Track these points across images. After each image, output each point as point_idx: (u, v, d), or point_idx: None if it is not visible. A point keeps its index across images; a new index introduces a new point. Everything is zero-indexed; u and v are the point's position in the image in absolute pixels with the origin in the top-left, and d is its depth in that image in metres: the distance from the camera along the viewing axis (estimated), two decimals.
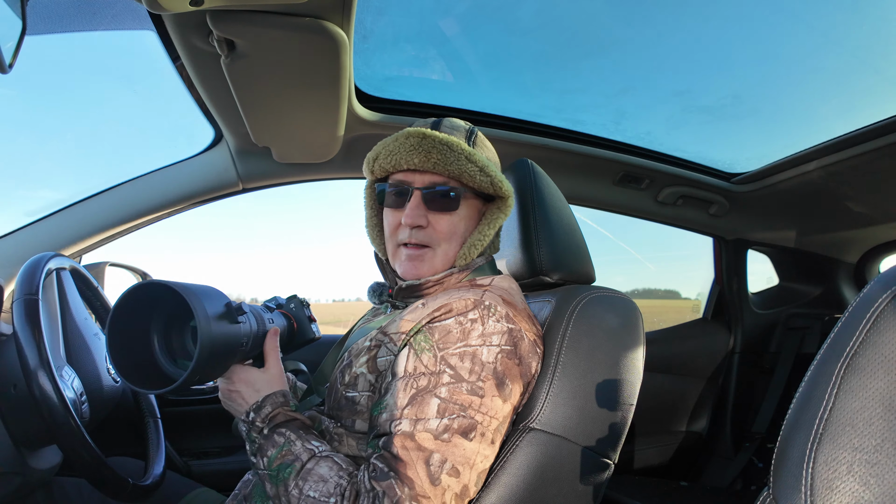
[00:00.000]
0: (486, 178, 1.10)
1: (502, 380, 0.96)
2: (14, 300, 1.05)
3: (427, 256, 1.14)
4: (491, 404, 0.94)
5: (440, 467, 0.88)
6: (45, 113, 4.11)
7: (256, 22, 1.14)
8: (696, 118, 2.16)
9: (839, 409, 0.58)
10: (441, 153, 1.07)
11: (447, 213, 1.13)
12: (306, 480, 0.91)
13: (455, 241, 1.14)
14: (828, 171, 2.20)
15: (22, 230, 1.71)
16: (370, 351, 1.06)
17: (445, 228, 1.13)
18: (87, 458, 1.03)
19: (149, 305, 0.94)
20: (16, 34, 0.77)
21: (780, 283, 3.05)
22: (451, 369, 0.94)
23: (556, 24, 1.71)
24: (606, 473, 1.08)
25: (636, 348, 1.12)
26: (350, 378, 1.06)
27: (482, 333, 0.97)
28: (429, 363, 0.95)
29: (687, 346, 2.74)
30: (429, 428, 0.90)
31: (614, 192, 2.39)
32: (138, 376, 0.91)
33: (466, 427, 0.91)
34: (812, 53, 1.84)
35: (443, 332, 0.97)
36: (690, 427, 2.75)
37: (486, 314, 0.99)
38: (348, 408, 1.04)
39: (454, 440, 0.90)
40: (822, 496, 0.56)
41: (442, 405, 0.91)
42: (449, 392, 0.92)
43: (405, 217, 1.11)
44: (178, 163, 1.87)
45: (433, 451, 0.89)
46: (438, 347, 0.96)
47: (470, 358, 0.95)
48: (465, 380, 0.93)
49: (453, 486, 0.89)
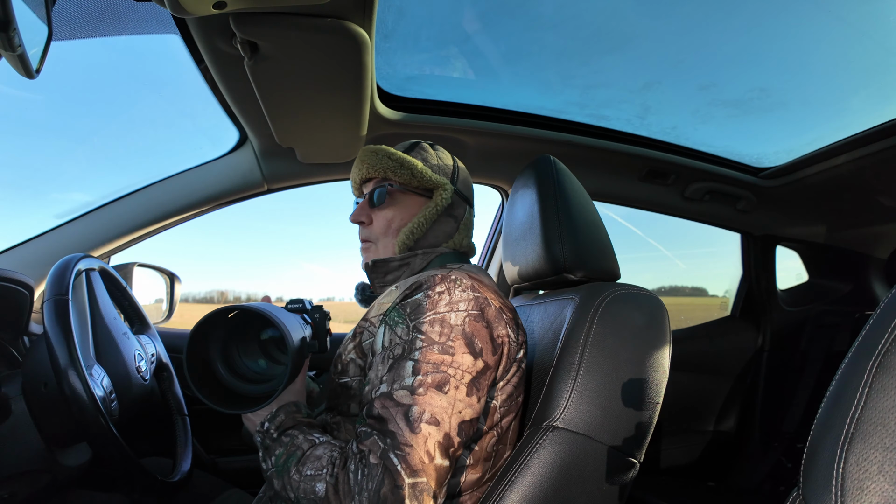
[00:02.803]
0: (406, 171, 1.25)
1: (471, 339, 1.01)
2: (45, 300, 1.06)
3: (371, 249, 1.31)
4: (461, 360, 0.99)
5: (419, 417, 0.93)
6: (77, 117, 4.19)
7: (279, 24, 1.15)
8: (723, 112, 2.12)
9: (870, 408, 0.57)
10: (369, 159, 1.28)
11: (381, 209, 1.29)
12: (304, 464, 0.96)
13: (391, 233, 1.29)
14: (858, 165, 2.15)
15: (52, 232, 1.75)
16: (354, 338, 1.15)
17: (381, 222, 1.29)
18: (116, 456, 1.04)
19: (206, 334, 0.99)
20: (42, 40, 0.78)
21: (809, 280, 2.98)
22: (423, 335, 1.00)
23: (579, 19, 1.69)
24: (632, 473, 1.07)
25: (662, 346, 1.10)
26: (342, 366, 1.14)
27: (449, 301, 1.03)
28: (402, 334, 1.02)
29: (715, 344, 2.70)
30: (404, 385, 0.96)
31: (640, 188, 2.36)
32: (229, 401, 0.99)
33: (440, 381, 0.96)
34: (841, 45, 1.79)
35: (413, 306, 1.04)
36: (718, 427, 2.71)
37: (453, 286, 1.06)
38: (343, 394, 1.11)
39: (429, 393, 0.95)
40: (852, 496, 0.55)
41: (416, 366, 0.97)
42: (422, 354, 0.98)
43: (350, 217, 1.32)
44: (203, 164, 1.90)
45: (410, 404, 0.94)
46: (410, 319, 1.03)
47: (439, 323, 1.01)
48: (436, 342, 0.99)
49: (434, 434, 0.93)
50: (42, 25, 0.77)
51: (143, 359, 1.37)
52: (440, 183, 1.29)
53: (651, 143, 2.22)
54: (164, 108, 2.62)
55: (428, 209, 1.27)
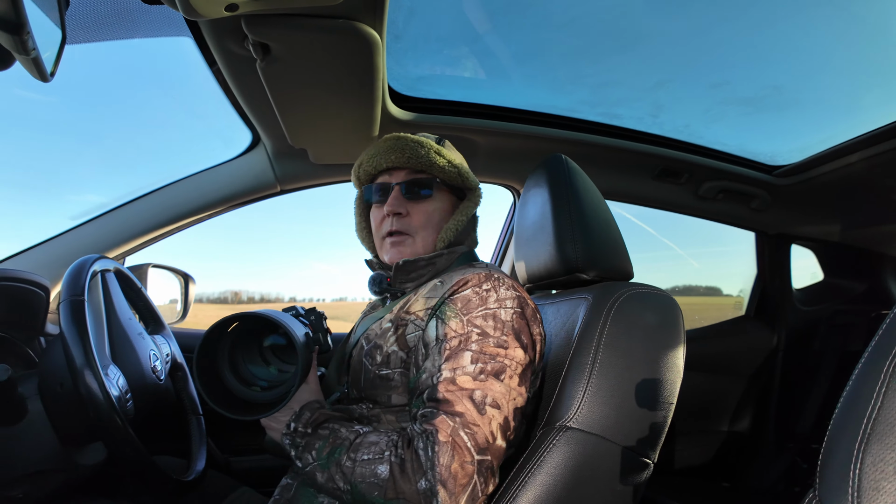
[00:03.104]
0: (454, 169, 1.28)
1: (519, 334, 1.06)
2: (61, 301, 1.07)
3: (408, 243, 1.29)
4: (514, 353, 1.04)
5: (483, 400, 0.97)
6: (91, 120, 4.25)
7: (290, 25, 1.16)
8: (736, 110, 2.10)
9: (887, 408, 0.56)
10: (413, 150, 1.25)
11: (422, 202, 1.29)
12: (358, 450, 0.99)
13: (431, 228, 1.29)
14: (872, 163, 2.12)
15: (67, 234, 1.77)
16: (396, 330, 1.17)
17: (422, 216, 1.28)
18: (131, 455, 1.05)
19: (212, 349, 1.00)
20: (56, 43, 0.79)
21: (824, 279, 2.95)
22: (478, 328, 1.04)
23: (589, 18, 1.69)
24: (646, 473, 1.06)
25: (676, 346, 1.09)
26: (382, 357, 1.15)
27: (497, 299, 1.09)
28: (457, 327, 1.06)
29: (729, 344, 2.68)
30: (467, 372, 1.00)
31: (653, 186, 2.35)
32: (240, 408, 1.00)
33: (498, 369, 1.01)
34: (855, 42, 1.78)
35: (464, 301, 1.08)
36: (732, 427, 2.69)
37: (498, 284, 1.11)
38: (382, 385, 1.13)
39: (489, 380, 0.99)
40: (869, 498, 0.54)
41: (474, 356, 1.02)
42: (479, 346, 1.03)
43: (387, 206, 1.27)
44: (217, 166, 1.91)
45: (474, 388, 0.98)
46: (463, 313, 1.07)
47: (492, 318, 1.06)
48: (491, 335, 1.04)
49: (497, 417, 0.98)
50: (56, 29, 0.78)
51: (158, 359, 1.38)
52: (476, 184, 1.35)
53: (664, 141, 2.21)
54: (176, 111, 2.65)
55: (468, 209, 1.32)
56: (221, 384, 1.01)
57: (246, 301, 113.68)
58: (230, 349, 1.03)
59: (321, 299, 34.80)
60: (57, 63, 0.80)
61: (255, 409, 1.01)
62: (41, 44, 0.69)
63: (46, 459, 1.09)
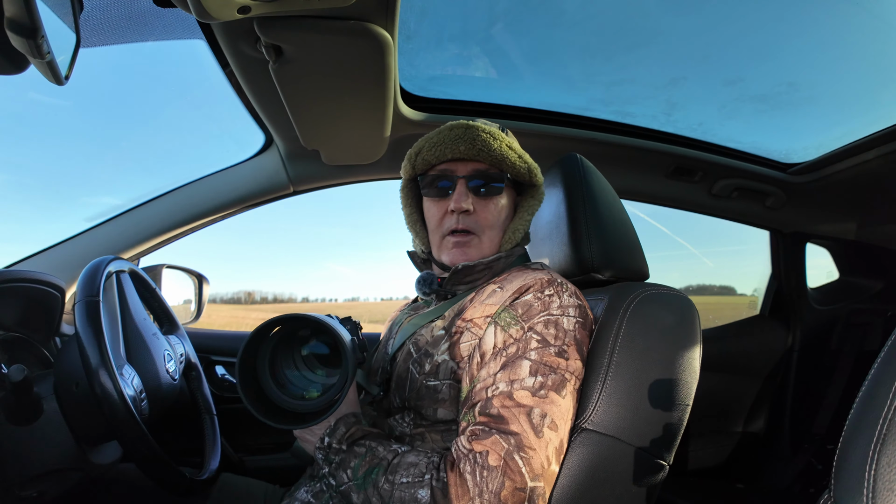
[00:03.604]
0: (525, 165, 1.18)
1: (580, 345, 1.02)
2: (76, 302, 1.08)
3: (474, 243, 1.19)
4: (574, 365, 1.00)
5: (541, 420, 0.91)
6: (106, 123, 4.29)
7: (303, 27, 1.16)
8: (750, 107, 2.09)
9: None
10: (485, 141, 1.13)
11: (492, 199, 1.19)
12: (396, 472, 0.93)
13: (498, 228, 1.20)
14: (889, 160, 2.10)
15: (82, 235, 1.79)
16: (451, 337, 1.09)
17: (491, 214, 1.19)
18: (146, 454, 1.06)
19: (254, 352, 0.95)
20: (70, 47, 0.79)
21: (840, 278, 2.91)
22: (538, 335, 0.99)
23: (602, 16, 1.68)
24: (661, 475, 1.05)
25: (693, 347, 1.08)
26: (431, 367, 1.08)
27: (560, 305, 1.03)
28: (516, 334, 1.00)
29: (743, 343, 2.66)
30: (525, 386, 0.94)
31: (667, 185, 2.34)
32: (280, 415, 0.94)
33: (559, 383, 0.95)
34: (871, 37, 1.76)
35: (525, 307, 1.03)
36: (747, 428, 2.67)
37: (561, 289, 1.06)
38: (429, 396, 1.06)
39: (550, 396, 0.94)
40: (884, 499, 0.54)
41: (533, 366, 0.95)
42: (538, 354, 0.97)
43: (454, 203, 1.16)
44: (230, 167, 1.92)
45: (532, 406, 0.92)
46: (524, 319, 1.01)
47: (554, 325, 1.00)
48: (552, 344, 0.98)
49: (553, 440, 0.92)
50: (70, 33, 0.78)
51: (173, 359, 1.39)
52: (541, 182, 1.25)
53: (677, 139, 2.19)
54: (190, 113, 2.66)
55: (532, 207, 1.23)
56: (260, 390, 0.95)
57: (259, 301, 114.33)
58: (272, 353, 0.97)
59: (334, 299, 34.70)
60: (71, 66, 0.80)
61: (293, 418, 0.95)
62: (56, 48, 0.69)
63: (62, 458, 1.10)
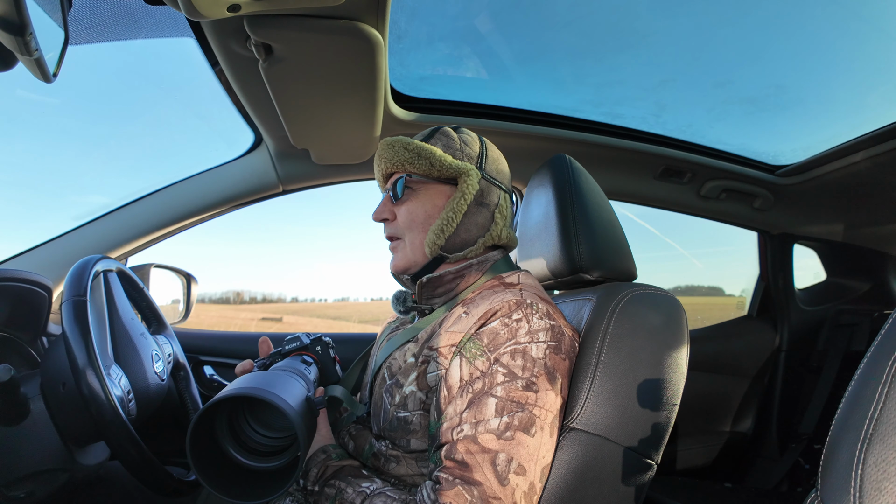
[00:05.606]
0: (424, 161, 1.14)
1: (553, 374, 0.97)
2: (63, 301, 1.07)
3: (399, 247, 1.20)
4: (546, 398, 0.95)
5: (507, 466, 0.88)
6: (94, 121, 4.26)
7: (293, 26, 1.16)
8: (739, 109, 2.10)
9: (890, 408, 0.56)
10: (386, 152, 1.17)
11: (405, 203, 1.18)
12: None
13: (417, 227, 1.17)
14: (876, 162, 2.12)
15: (70, 234, 1.77)
16: (418, 367, 1.06)
17: (403, 216, 1.18)
18: (133, 455, 1.05)
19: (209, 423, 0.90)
20: (59, 44, 0.79)
21: (827, 279, 2.95)
22: (504, 367, 0.94)
23: (592, 17, 1.69)
24: (649, 474, 1.06)
25: (680, 347, 1.09)
26: (400, 398, 1.06)
27: (529, 331, 0.98)
28: (482, 366, 0.96)
29: (731, 344, 2.68)
30: (490, 428, 0.90)
31: (656, 186, 2.35)
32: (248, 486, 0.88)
33: (526, 422, 0.91)
34: (858, 41, 1.78)
35: (491, 336, 0.98)
36: (735, 427, 2.68)
37: (530, 312, 1.00)
38: (401, 428, 1.04)
39: (517, 437, 0.90)
40: (871, 498, 0.54)
41: (500, 404, 0.92)
42: (505, 390, 0.92)
43: (373, 215, 1.22)
44: (219, 166, 1.91)
45: (498, 451, 0.89)
46: (489, 350, 0.97)
47: (521, 355, 0.95)
48: (519, 376, 0.94)
49: (521, 485, 0.89)
50: (58, 30, 0.78)
51: (161, 359, 1.38)
52: (464, 169, 1.14)
53: (666, 141, 2.21)
54: (179, 111, 2.65)
55: (455, 200, 1.13)
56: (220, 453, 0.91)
57: (248, 301, 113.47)
58: (230, 418, 0.92)
59: (323, 299, 34.31)
60: (59, 64, 0.80)
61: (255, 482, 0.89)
62: (44, 45, 0.69)
63: (49, 459, 1.09)
